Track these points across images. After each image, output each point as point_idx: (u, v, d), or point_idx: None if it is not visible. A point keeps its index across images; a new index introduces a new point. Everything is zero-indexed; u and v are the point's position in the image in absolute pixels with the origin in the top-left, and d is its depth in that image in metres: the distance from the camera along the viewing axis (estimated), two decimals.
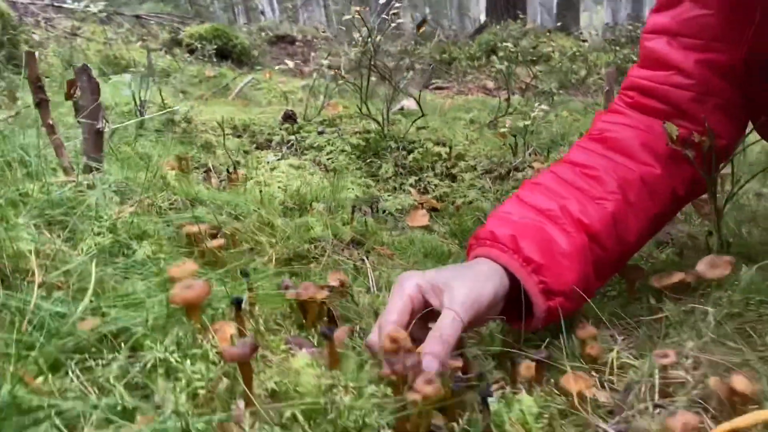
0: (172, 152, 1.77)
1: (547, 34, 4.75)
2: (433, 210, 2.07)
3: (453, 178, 2.31)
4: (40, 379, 0.70)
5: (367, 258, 1.43)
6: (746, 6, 1.08)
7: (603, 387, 0.94)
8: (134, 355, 0.78)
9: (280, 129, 2.62)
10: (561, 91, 3.27)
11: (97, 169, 1.23)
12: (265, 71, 4.63)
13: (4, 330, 0.75)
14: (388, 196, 2.16)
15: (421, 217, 1.93)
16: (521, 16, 5.79)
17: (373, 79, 2.61)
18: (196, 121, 2.42)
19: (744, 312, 0.95)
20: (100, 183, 1.19)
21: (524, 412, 0.84)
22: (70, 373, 0.72)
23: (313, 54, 3.67)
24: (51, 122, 1.12)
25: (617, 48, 4.39)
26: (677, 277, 1.12)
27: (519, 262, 1.01)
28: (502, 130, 2.26)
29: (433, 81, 5.49)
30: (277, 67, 4.12)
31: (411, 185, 2.25)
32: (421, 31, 2.74)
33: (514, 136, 2.26)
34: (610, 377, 0.95)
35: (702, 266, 1.08)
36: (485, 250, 1.05)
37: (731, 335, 0.88)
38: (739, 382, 0.73)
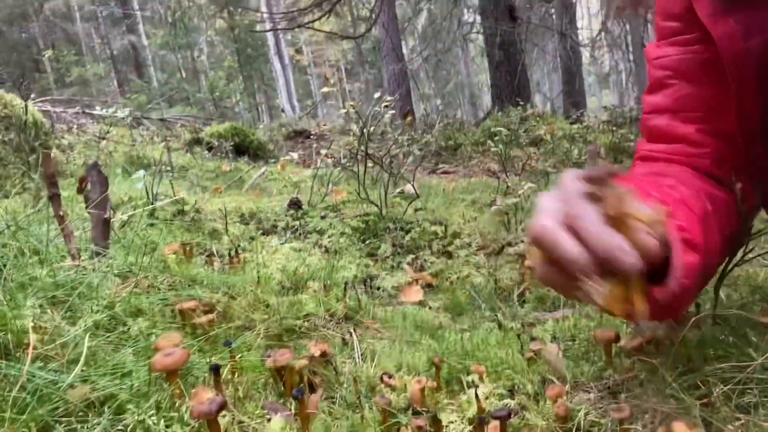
0: (178, 239, 1.90)
1: (538, 118, 4.98)
2: (428, 286, 2.14)
3: (449, 255, 2.39)
4: None
5: (354, 331, 1.49)
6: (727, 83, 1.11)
7: None
8: (117, 418, 0.85)
9: (286, 215, 2.76)
10: (554, 170, 3.40)
11: (103, 254, 1.35)
12: (279, 164, 4.88)
13: (0, 397, 0.83)
14: (386, 274, 2.24)
15: (415, 293, 1.99)
16: (521, 103, 6.11)
17: (372, 166, 2.77)
18: (206, 211, 2.58)
19: (701, 366, 0.99)
20: (104, 266, 1.30)
21: None
22: None
23: (314, 145, 3.91)
24: (61, 213, 1.25)
25: (614, 128, 4.57)
26: (639, 339, 1.17)
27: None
28: (494, 208, 2.37)
29: (441, 165, 5.70)
30: (282, 159, 4.37)
31: (408, 263, 2.33)
32: (407, 120, 2.93)
33: (506, 213, 2.36)
34: None
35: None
36: None
37: (685, 388, 0.92)
38: (679, 428, 0.77)
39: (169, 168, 4.40)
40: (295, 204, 2.81)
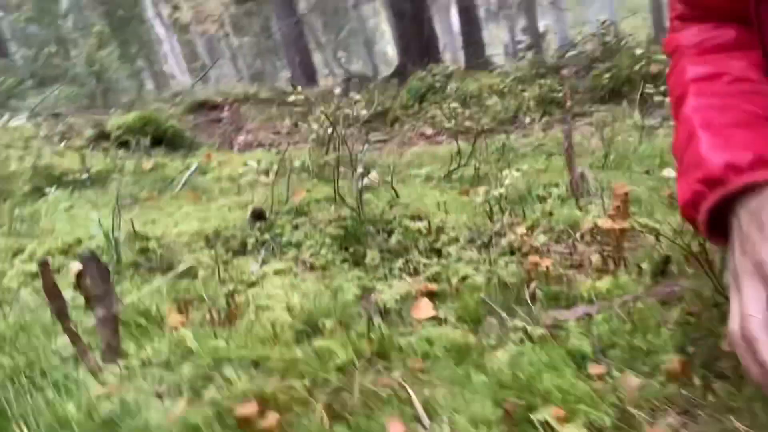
0: (166, 298, 1.69)
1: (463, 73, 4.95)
2: (430, 294, 2.07)
3: (438, 253, 2.34)
4: None
5: (405, 381, 1.40)
6: None
7: None
8: None
9: (252, 230, 2.56)
10: (498, 126, 3.39)
11: (119, 355, 1.16)
12: (203, 155, 4.54)
13: None
14: (382, 285, 2.14)
15: (426, 308, 1.93)
16: (442, 60, 6.04)
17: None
18: (166, 239, 2.33)
19: None
20: (140, 379, 1.12)
21: None
22: None
23: (229, 127, 3.58)
24: (72, 328, 1.04)
25: (542, 80, 4.63)
26: None
27: None
28: (477, 199, 2.32)
29: (372, 134, 5.57)
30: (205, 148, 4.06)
31: (400, 269, 2.25)
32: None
33: (491, 205, 2.32)
34: None
35: None
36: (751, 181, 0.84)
37: None
38: None
39: (86, 175, 3.96)
40: (258, 215, 2.61)
